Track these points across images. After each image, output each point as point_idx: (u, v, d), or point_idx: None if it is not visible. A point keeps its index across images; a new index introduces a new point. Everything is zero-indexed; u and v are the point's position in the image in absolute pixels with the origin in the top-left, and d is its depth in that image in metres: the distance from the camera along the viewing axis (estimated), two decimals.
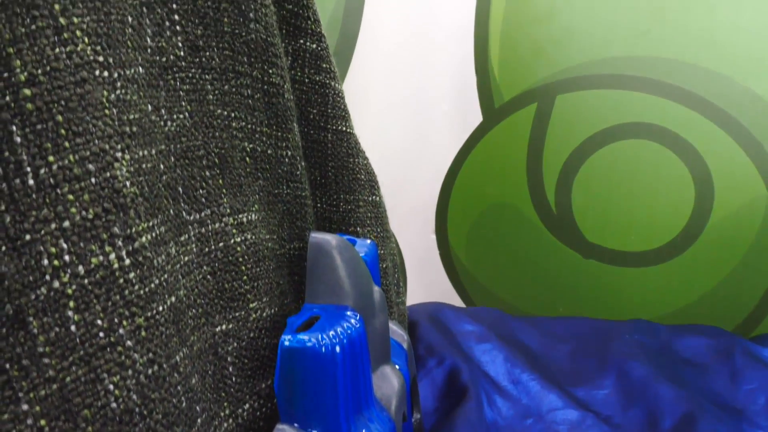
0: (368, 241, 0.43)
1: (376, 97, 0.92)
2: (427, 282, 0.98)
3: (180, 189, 0.29)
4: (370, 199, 0.46)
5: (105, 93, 0.24)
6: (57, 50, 0.22)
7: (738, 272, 0.84)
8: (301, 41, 0.40)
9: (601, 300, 0.91)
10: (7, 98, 0.21)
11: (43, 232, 0.22)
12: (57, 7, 0.23)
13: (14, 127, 0.21)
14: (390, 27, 0.90)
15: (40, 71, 0.22)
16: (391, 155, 0.93)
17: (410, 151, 0.94)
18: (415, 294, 0.96)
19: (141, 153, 0.25)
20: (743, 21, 0.80)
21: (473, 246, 0.95)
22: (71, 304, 0.23)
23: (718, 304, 0.85)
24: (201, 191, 0.30)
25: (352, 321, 0.32)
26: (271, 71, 0.36)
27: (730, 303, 0.85)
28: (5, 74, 0.21)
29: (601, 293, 0.91)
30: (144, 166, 0.25)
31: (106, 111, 0.24)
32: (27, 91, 0.22)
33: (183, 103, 0.30)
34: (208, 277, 0.31)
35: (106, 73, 0.24)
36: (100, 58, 0.24)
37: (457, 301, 0.97)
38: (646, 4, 0.82)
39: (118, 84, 0.25)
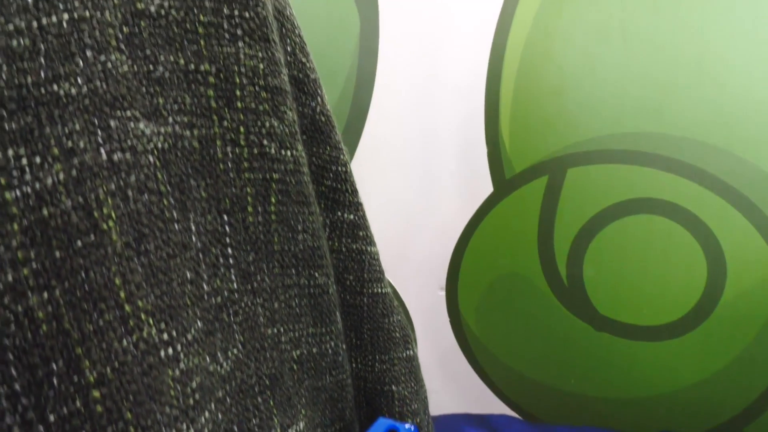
0: (409, 427, 0.43)
1: (387, 165, 0.93)
2: (436, 344, 0.98)
3: (235, 428, 0.29)
4: (404, 354, 0.46)
5: (170, 372, 0.24)
6: (124, 342, 0.22)
7: (750, 351, 0.84)
8: (339, 213, 0.41)
9: (612, 373, 0.90)
10: (78, 404, 0.21)
11: None
12: (122, 294, 0.22)
13: None
14: (401, 98, 0.91)
15: (108, 369, 0.21)
16: (401, 223, 0.93)
17: (420, 218, 0.95)
18: (422, 354, 0.96)
19: (202, 419, 0.25)
20: (754, 100, 0.80)
21: (483, 314, 0.95)
22: None
23: (730, 381, 0.85)
24: (254, 421, 0.30)
25: None
26: (317, 274, 0.36)
27: (742, 381, 0.85)
28: (75, 377, 0.21)
29: (612, 366, 0.90)
30: (205, 430, 0.25)
31: (171, 392, 0.23)
32: (96, 393, 0.21)
33: (236, 336, 0.30)
34: None
35: (170, 351, 0.24)
36: (165, 336, 0.24)
37: (464, 364, 0.97)
38: (656, 80, 0.83)
39: (181, 356, 0.24)
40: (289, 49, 0.36)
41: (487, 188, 0.92)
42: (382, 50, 0.90)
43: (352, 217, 0.41)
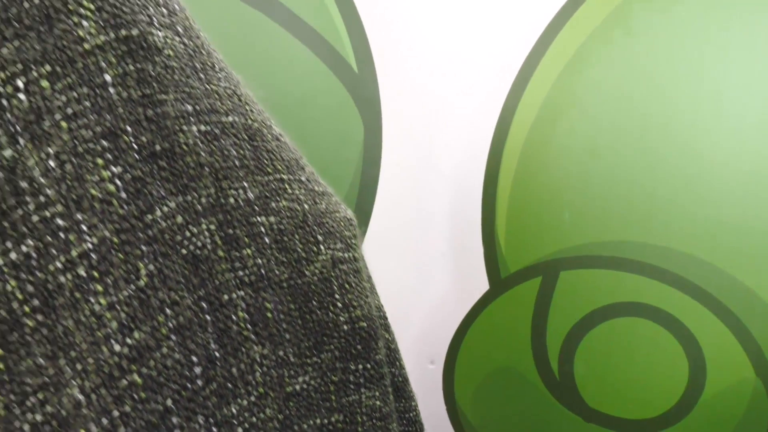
0: None
1: (387, 262, 0.97)
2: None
3: None
4: None
5: None
6: None
7: None
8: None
9: None
10: None
11: None
12: None
13: None
14: (401, 204, 0.95)
15: None
16: (397, 319, 0.97)
17: (416, 314, 0.99)
18: None
19: None
20: (733, 215, 0.87)
21: (479, 404, 1.00)
22: None
23: None
24: None
25: None
26: None
27: None
28: None
29: None
30: None
31: None
32: None
33: None
34: None
35: None
36: None
37: None
38: (642, 193, 0.89)
39: None
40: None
41: (483, 286, 0.97)
42: (384, 158, 0.94)
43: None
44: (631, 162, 0.89)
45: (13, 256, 0.21)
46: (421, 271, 0.98)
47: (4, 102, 0.21)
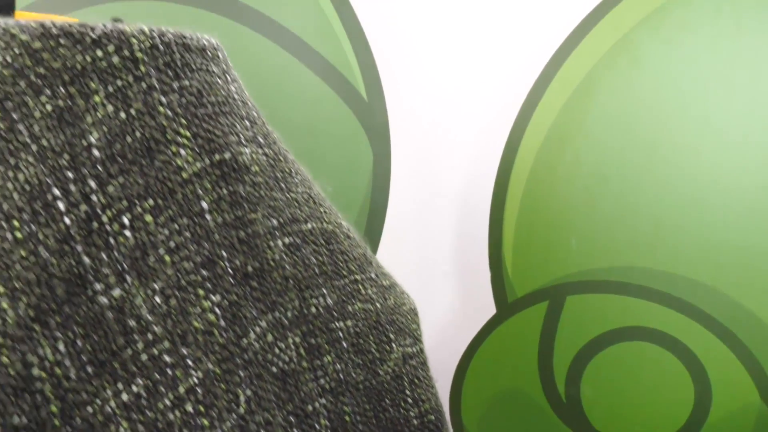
0: None
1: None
2: None
3: None
4: None
5: None
6: None
7: None
8: None
9: None
10: None
11: None
12: None
13: None
14: (409, 224, 0.96)
15: None
16: None
17: (425, 338, 1.00)
18: None
19: None
20: (737, 244, 0.88)
21: (487, 427, 1.01)
22: None
23: None
24: None
25: None
26: None
27: None
28: None
29: None
30: None
31: None
32: None
33: None
34: None
35: None
36: None
37: None
38: (649, 219, 0.90)
39: None
40: None
41: (490, 310, 0.98)
42: (393, 185, 0.94)
43: None
44: (637, 188, 0.91)
45: (124, 397, 0.21)
46: (429, 295, 0.99)
47: (112, 240, 0.21)
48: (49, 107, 0.21)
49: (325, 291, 0.27)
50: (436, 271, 0.97)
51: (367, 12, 0.92)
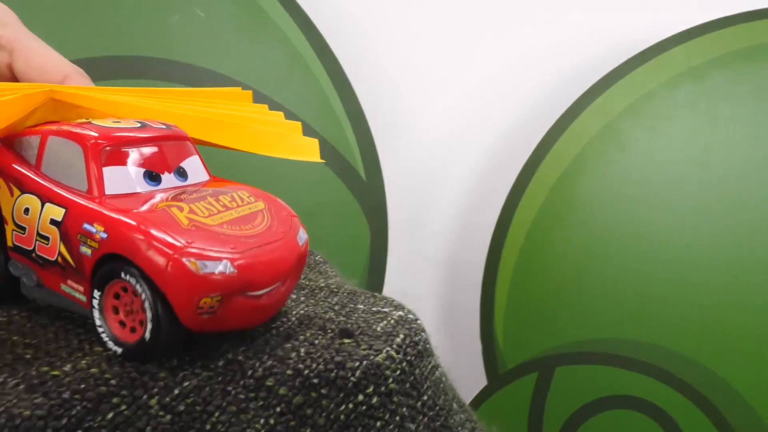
0: None
1: None
2: None
3: None
4: None
5: None
6: None
7: None
8: None
9: None
10: None
11: None
12: None
13: None
14: (404, 303, 0.97)
15: None
16: None
17: None
18: None
19: None
20: (716, 317, 0.94)
21: None
22: None
23: None
24: None
25: None
26: None
27: None
28: None
29: None
30: None
31: None
32: None
33: None
34: None
35: None
36: None
37: None
38: (632, 293, 0.95)
39: None
40: None
41: (481, 381, 1.00)
42: (390, 261, 0.95)
43: None
44: (623, 265, 0.95)
45: None
46: None
47: None
48: None
49: None
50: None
51: (366, 91, 0.94)
